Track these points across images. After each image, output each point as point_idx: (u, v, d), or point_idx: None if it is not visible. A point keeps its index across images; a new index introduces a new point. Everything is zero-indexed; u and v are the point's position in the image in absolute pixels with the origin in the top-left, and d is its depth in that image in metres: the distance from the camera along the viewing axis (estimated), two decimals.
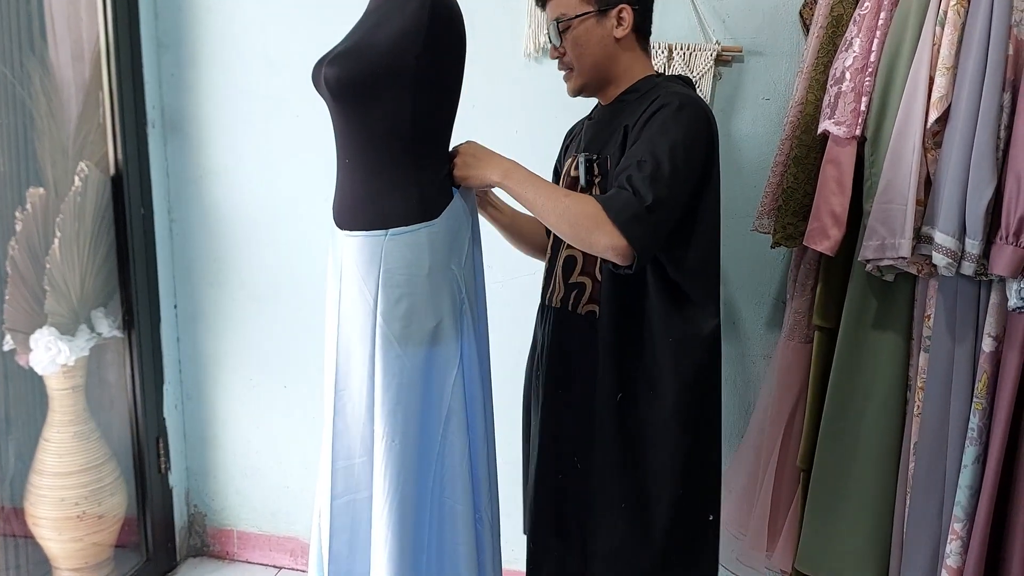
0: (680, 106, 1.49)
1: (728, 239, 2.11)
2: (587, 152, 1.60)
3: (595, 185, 1.58)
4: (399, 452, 1.48)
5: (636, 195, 1.43)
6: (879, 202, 1.72)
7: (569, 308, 1.64)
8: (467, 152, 1.55)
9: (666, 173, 1.44)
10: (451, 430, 1.51)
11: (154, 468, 2.49)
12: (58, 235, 2.18)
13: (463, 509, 1.52)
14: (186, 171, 2.46)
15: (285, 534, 2.58)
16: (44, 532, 2.28)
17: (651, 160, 1.44)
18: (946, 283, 1.71)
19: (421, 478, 1.51)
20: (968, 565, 1.68)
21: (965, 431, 1.69)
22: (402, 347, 1.47)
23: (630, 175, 1.45)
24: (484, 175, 1.53)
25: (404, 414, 1.48)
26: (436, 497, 1.52)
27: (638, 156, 1.46)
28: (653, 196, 1.42)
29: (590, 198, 1.48)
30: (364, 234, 1.48)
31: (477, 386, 1.57)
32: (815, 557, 1.88)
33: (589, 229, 1.44)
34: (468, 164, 1.53)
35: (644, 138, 1.48)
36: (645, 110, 1.52)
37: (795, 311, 1.97)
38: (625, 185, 1.44)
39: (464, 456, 1.52)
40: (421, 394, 1.50)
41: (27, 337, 2.20)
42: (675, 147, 1.45)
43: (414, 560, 1.50)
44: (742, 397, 2.17)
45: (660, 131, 1.47)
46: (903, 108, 1.69)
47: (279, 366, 2.50)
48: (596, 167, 1.58)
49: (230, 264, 2.48)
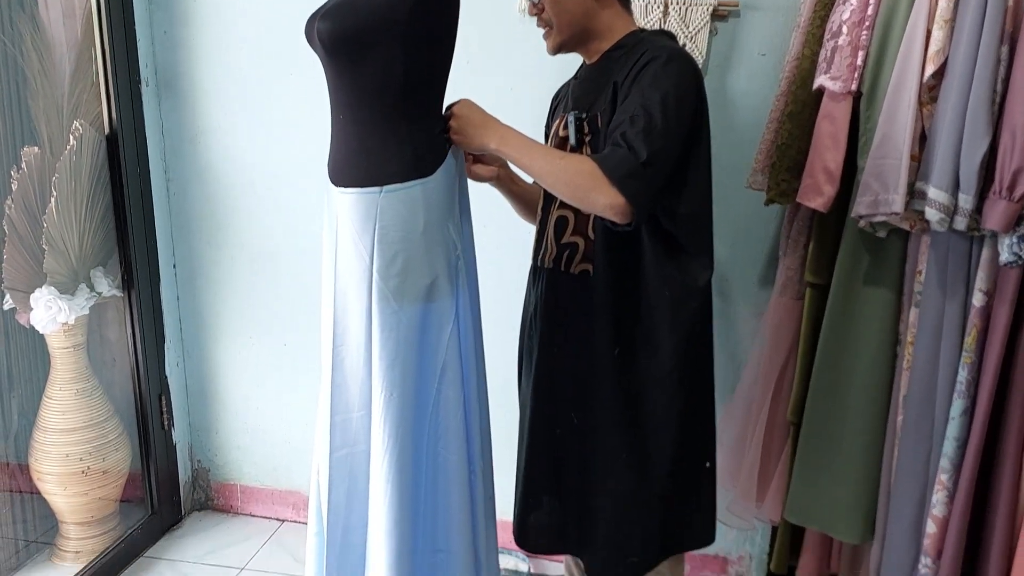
0: (668, 59, 1.49)
1: (721, 196, 2.09)
2: (576, 110, 1.59)
3: (585, 144, 1.58)
4: (397, 406, 1.50)
5: (631, 151, 1.43)
6: (873, 158, 1.71)
7: (562, 268, 1.65)
8: (463, 116, 1.54)
9: (659, 126, 1.44)
10: (446, 384, 1.54)
11: (157, 425, 2.53)
12: (55, 194, 2.19)
13: (457, 461, 1.55)
14: (181, 130, 2.46)
15: (287, 488, 2.63)
16: (49, 487, 2.32)
17: (643, 114, 1.45)
18: (938, 239, 1.72)
19: (417, 431, 1.53)
20: (953, 514, 1.72)
21: (954, 384, 1.71)
22: (398, 303, 1.49)
23: (624, 131, 1.45)
24: (482, 141, 1.54)
25: (402, 369, 1.50)
26: (431, 449, 1.55)
27: (630, 111, 1.46)
28: (648, 151, 1.43)
29: (586, 158, 1.48)
30: (359, 191, 1.48)
31: (471, 342, 1.59)
32: (804, 507, 1.92)
33: (587, 189, 1.45)
34: (465, 131, 1.54)
35: (635, 93, 1.48)
36: (633, 65, 1.51)
37: (787, 268, 1.98)
38: (620, 142, 1.45)
39: (459, 410, 1.55)
40: (418, 349, 1.52)
41: (27, 296, 2.21)
42: (666, 99, 1.45)
43: (412, 511, 1.54)
44: (733, 353, 2.19)
45: (650, 84, 1.47)
46: (900, 62, 1.68)
47: (278, 324, 2.52)
48: (586, 125, 1.57)
49: (228, 223, 2.49)
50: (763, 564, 2.25)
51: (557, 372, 1.69)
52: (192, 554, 2.45)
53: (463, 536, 1.57)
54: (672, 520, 1.68)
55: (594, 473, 1.68)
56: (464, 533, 1.57)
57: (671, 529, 1.68)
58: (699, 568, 2.33)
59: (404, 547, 1.52)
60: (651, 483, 1.64)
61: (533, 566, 2.39)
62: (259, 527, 2.61)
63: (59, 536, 2.38)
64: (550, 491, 1.74)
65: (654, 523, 1.66)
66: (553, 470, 1.73)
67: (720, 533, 2.26)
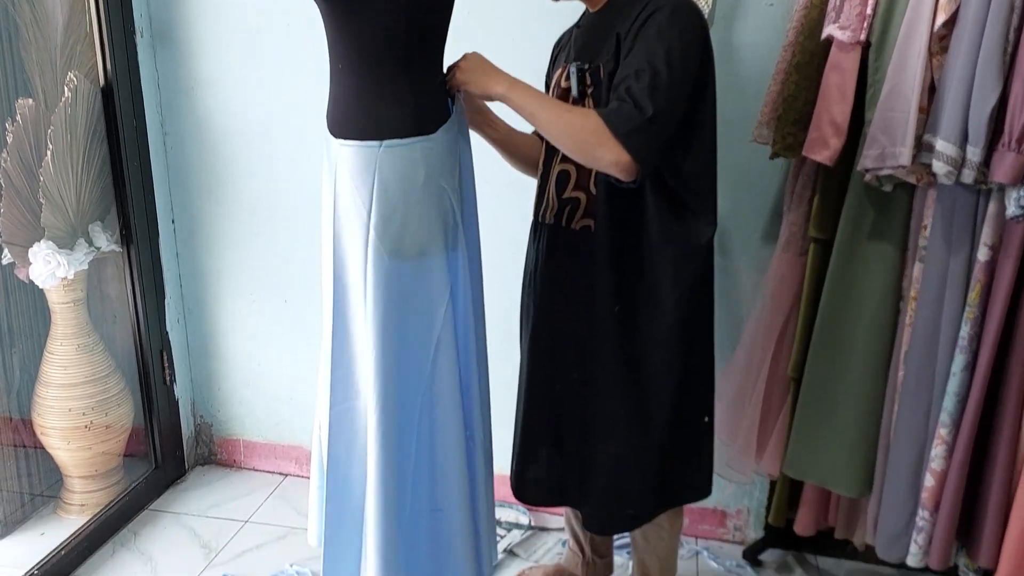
0: (674, 9, 1.46)
1: (725, 151, 2.06)
2: (578, 61, 1.56)
3: (588, 96, 1.55)
4: (385, 366, 1.50)
5: (637, 107, 1.42)
6: (881, 110, 1.69)
7: (563, 224, 1.63)
8: (471, 62, 1.53)
9: (664, 81, 1.42)
10: (442, 347, 1.53)
11: (159, 380, 2.53)
12: (50, 147, 2.16)
13: (454, 425, 1.55)
14: (177, 82, 2.42)
15: (289, 443, 2.65)
16: (53, 442, 2.33)
17: (648, 69, 1.43)
18: (944, 192, 1.70)
19: (408, 392, 1.53)
20: (952, 468, 1.72)
21: (956, 339, 1.71)
22: (392, 259, 1.48)
23: (629, 86, 1.43)
24: (488, 85, 1.52)
25: (394, 327, 1.50)
26: (426, 411, 1.55)
27: (635, 66, 1.44)
28: (654, 107, 1.41)
29: (592, 113, 1.46)
30: (358, 144, 1.46)
31: (470, 305, 1.58)
32: (803, 462, 1.93)
33: (592, 144, 1.44)
34: (473, 71, 1.52)
35: (639, 45, 1.45)
36: (637, 16, 1.48)
37: (791, 223, 1.96)
38: (625, 97, 1.43)
39: (454, 373, 1.54)
40: (411, 309, 1.51)
41: (25, 251, 2.20)
42: (671, 53, 1.43)
43: (400, 470, 1.54)
44: (735, 309, 2.18)
45: (656, 37, 1.44)
46: (910, 11, 1.64)
47: (279, 280, 2.51)
48: (588, 76, 1.55)
49: (226, 178, 2.47)
50: (761, 518, 2.27)
51: (557, 329, 1.69)
52: (196, 507, 2.48)
53: (460, 497, 1.57)
54: (671, 474, 1.69)
55: (594, 428, 1.68)
56: (461, 494, 1.58)
57: (670, 482, 1.70)
58: (698, 521, 2.35)
59: (393, 504, 1.53)
60: (651, 437, 1.65)
61: (533, 519, 2.41)
62: (262, 481, 2.63)
63: (64, 490, 2.40)
64: (549, 445, 1.75)
65: (653, 476, 1.67)
66: (552, 425, 1.74)
67: (718, 487, 2.29)
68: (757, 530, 2.30)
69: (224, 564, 2.21)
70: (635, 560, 1.89)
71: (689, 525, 2.35)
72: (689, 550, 2.30)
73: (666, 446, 1.65)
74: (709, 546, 2.32)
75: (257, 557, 2.25)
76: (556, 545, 2.31)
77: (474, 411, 1.61)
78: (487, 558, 1.69)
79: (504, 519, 2.39)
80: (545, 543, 2.33)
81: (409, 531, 1.57)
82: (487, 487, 1.69)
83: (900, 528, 1.80)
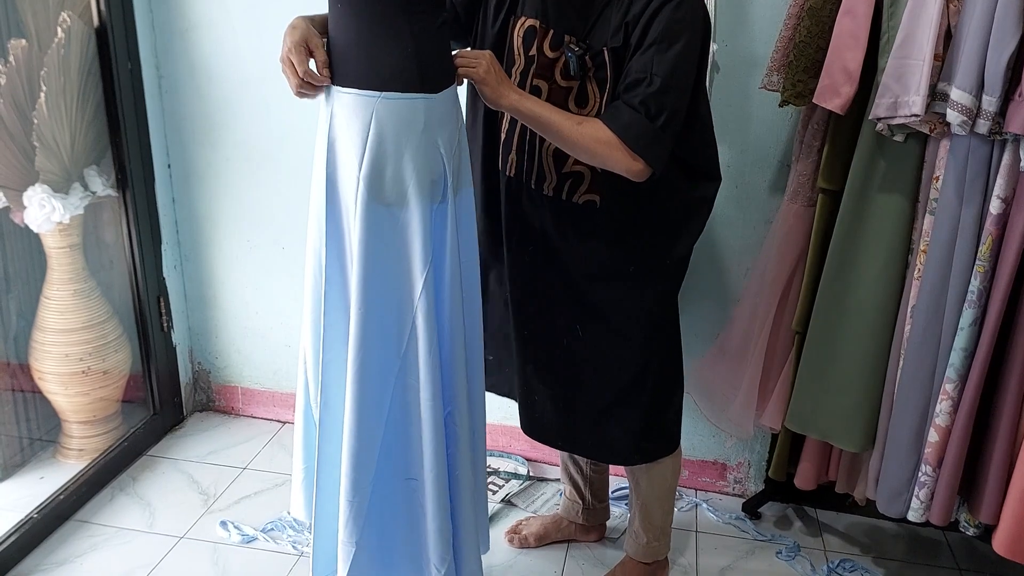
0: (680, 1, 1.46)
1: (733, 98, 2.04)
2: (571, 39, 1.54)
3: (590, 79, 1.54)
4: (364, 319, 1.47)
5: (649, 117, 1.46)
6: (895, 57, 1.64)
7: (563, 198, 1.63)
8: (487, 62, 1.49)
9: (675, 85, 1.47)
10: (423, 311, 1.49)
11: (156, 327, 2.52)
12: (43, 89, 2.11)
13: (429, 397, 1.51)
14: (172, 23, 2.36)
15: (288, 391, 2.64)
16: (50, 387, 2.33)
17: (661, 76, 1.45)
18: (958, 143, 1.66)
19: (383, 356, 1.50)
20: (956, 424, 1.71)
21: (965, 294, 1.68)
22: (376, 206, 1.45)
23: (643, 99, 1.46)
24: (500, 93, 1.50)
25: (375, 278, 1.47)
26: (400, 380, 1.52)
27: (646, 70, 1.47)
28: (667, 114, 1.46)
29: (602, 125, 1.48)
30: (357, 92, 1.42)
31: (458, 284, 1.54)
32: (805, 416, 1.92)
33: (605, 155, 1.49)
34: (488, 73, 1.48)
35: (650, 46, 1.46)
36: (646, 4, 1.46)
37: (799, 174, 1.92)
38: (638, 107, 1.46)
39: (432, 343, 1.50)
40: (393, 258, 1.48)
41: (20, 195, 2.17)
42: (680, 56, 1.46)
43: (369, 435, 1.52)
44: (740, 261, 2.15)
45: (665, 37, 1.46)
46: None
47: (276, 227, 2.48)
48: (589, 60, 1.53)
49: (223, 122, 2.42)
50: (762, 471, 2.27)
51: (558, 301, 1.70)
52: (195, 453, 2.48)
53: (436, 469, 1.54)
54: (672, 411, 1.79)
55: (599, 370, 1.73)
56: (438, 465, 1.54)
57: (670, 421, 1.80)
58: (697, 473, 2.35)
59: (361, 467, 1.52)
60: (651, 375, 1.73)
61: (532, 469, 2.41)
62: (261, 428, 2.63)
63: (62, 435, 2.40)
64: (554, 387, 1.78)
65: (673, 408, 1.78)
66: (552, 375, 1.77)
67: (720, 440, 2.30)
68: (757, 483, 2.30)
69: (222, 511, 2.22)
70: (638, 504, 1.90)
71: (689, 477, 2.35)
72: (688, 502, 2.30)
73: (659, 380, 1.74)
74: (709, 499, 2.32)
75: (255, 504, 2.25)
76: (555, 496, 2.31)
77: (455, 382, 1.56)
78: (470, 534, 1.64)
79: (502, 469, 2.39)
80: (544, 493, 2.33)
81: (382, 495, 1.56)
82: (472, 462, 1.64)
83: (902, 483, 1.80)
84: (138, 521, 2.17)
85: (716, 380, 2.05)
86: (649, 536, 1.92)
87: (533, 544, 2.11)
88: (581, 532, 2.12)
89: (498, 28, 1.62)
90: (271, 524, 2.16)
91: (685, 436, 2.10)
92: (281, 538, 2.11)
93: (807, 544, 2.16)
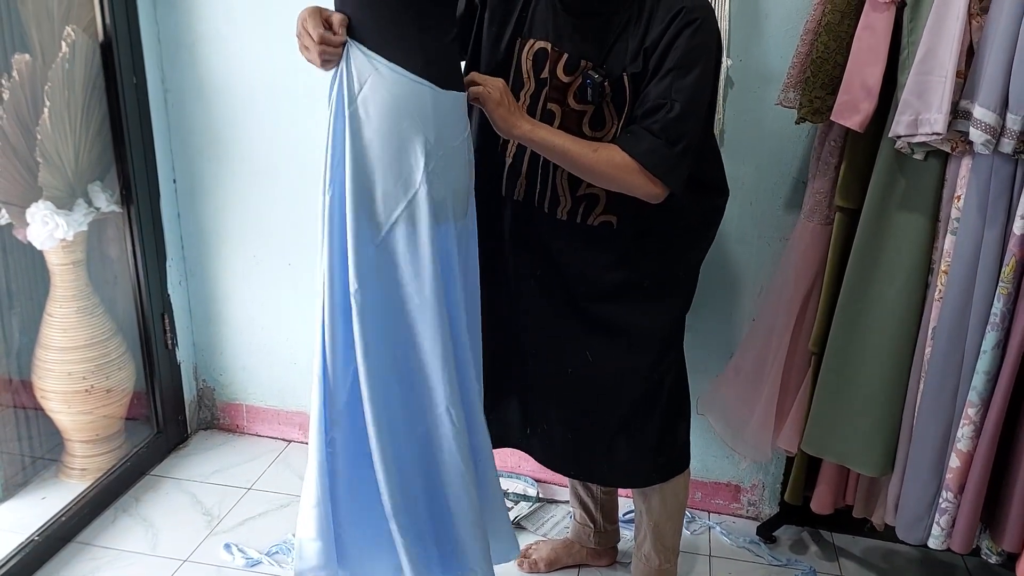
0: (697, 27, 1.45)
1: (749, 115, 2.00)
2: (588, 63, 1.51)
3: (607, 104, 1.52)
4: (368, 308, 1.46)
5: (668, 144, 1.46)
6: (916, 73, 1.61)
7: (577, 221, 1.61)
8: (500, 90, 1.48)
9: (694, 110, 1.47)
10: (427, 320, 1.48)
11: (160, 344, 2.48)
12: (47, 104, 2.09)
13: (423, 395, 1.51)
14: (178, 36, 2.33)
15: (293, 409, 2.60)
16: (53, 405, 2.29)
17: (680, 103, 1.45)
18: (980, 162, 1.62)
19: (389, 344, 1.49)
20: (979, 449, 1.66)
21: (987, 316, 1.64)
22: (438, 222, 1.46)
23: (663, 125, 1.45)
24: (512, 122, 1.49)
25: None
26: None
27: (665, 96, 1.46)
28: (685, 140, 1.47)
29: (618, 150, 1.47)
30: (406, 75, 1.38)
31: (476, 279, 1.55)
32: (822, 439, 1.88)
33: (623, 180, 1.49)
34: (499, 109, 1.48)
35: (668, 72, 1.46)
36: (664, 30, 1.45)
37: (816, 191, 1.88)
38: (658, 134, 1.46)
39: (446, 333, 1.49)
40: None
41: (23, 211, 2.14)
42: (698, 82, 1.46)
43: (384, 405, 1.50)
44: (755, 278, 2.11)
45: (684, 64, 1.45)
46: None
47: (283, 242, 2.45)
48: (607, 86, 1.51)
49: (229, 137, 2.39)
50: (776, 493, 2.23)
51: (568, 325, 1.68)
52: (199, 473, 2.44)
53: None
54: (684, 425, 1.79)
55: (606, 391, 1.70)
56: None
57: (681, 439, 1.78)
58: (711, 495, 2.30)
59: None
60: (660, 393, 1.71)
61: (541, 491, 2.37)
62: (266, 447, 2.59)
63: (65, 453, 2.37)
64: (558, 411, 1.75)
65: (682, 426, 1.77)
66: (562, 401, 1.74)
67: (733, 461, 2.25)
68: (772, 506, 2.26)
69: (226, 532, 2.18)
70: (649, 525, 1.85)
71: (702, 499, 2.30)
72: (701, 525, 2.26)
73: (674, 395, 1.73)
74: (722, 521, 2.27)
75: (259, 525, 2.21)
76: (565, 518, 2.27)
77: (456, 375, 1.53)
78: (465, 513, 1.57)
79: (511, 490, 2.35)
80: (553, 515, 2.29)
81: None
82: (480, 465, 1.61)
83: (922, 509, 1.75)
84: (141, 543, 2.13)
85: (731, 400, 2.01)
86: (661, 558, 1.87)
87: (543, 569, 2.06)
88: (593, 556, 2.08)
89: (503, 49, 1.59)
90: (276, 547, 2.12)
91: (698, 457, 2.07)
92: (286, 562, 2.07)
93: (823, 569, 2.11)
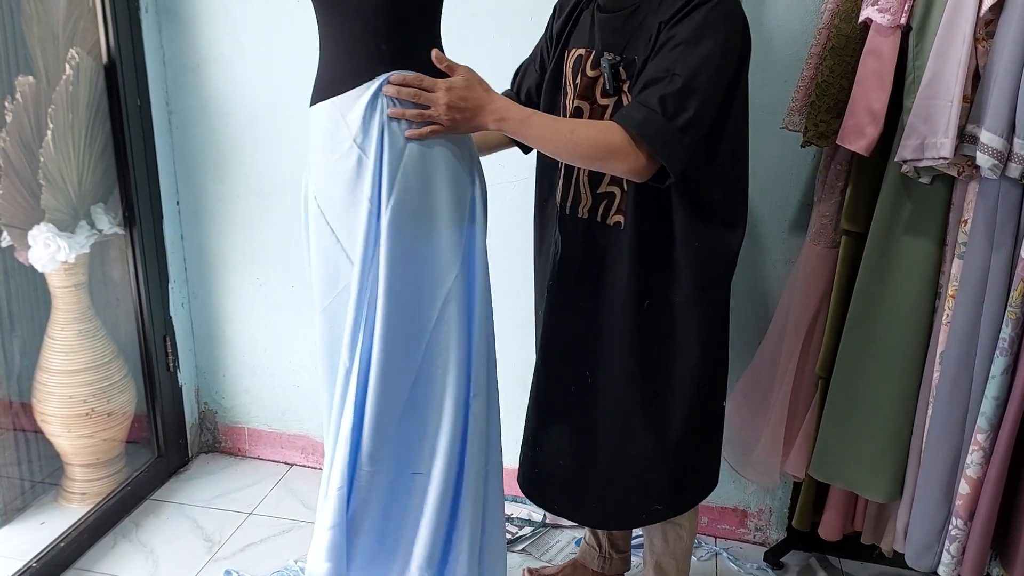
0: (716, 4, 1.38)
1: (754, 138, 1.98)
2: (609, 55, 1.48)
3: (623, 92, 1.48)
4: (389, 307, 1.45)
5: (667, 117, 1.35)
6: (921, 98, 1.61)
7: (598, 219, 1.58)
8: (457, 96, 1.36)
9: (698, 87, 1.36)
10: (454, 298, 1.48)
11: (162, 366, 2.47)
12: (51, 126, 2.09)
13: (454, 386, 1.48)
14: (183, 59, 2.34)
15: (295, 432, 2.58)
16: (53, 429, 2.27)
17: (683, 76, 1.35)
18: (987, 186, 1.61)
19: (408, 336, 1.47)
20: (989, 475, 1.65)
21: (996, 341, 1.63)
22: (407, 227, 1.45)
23: (662, 94, 1.35)
24: (476, 122, 1.39)
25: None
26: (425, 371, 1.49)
27: (669, 68, 1.36)
28: (686, 116, 1.35)
29: (611, 125, 1.39)
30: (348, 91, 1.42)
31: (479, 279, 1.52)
32: (829, 464, 1.86)
33: (613, 161, 1.39)
34: (455, 117, 1.37)
35: (677, 45, 1.37)
36: (681, 7, 1.39)
37: (822, 215, 1.88)
38: (655, 106, 1.35)
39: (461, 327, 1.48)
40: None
41: (25, 233, 2.13)
42: (709, 58, 1.36)
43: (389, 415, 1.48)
44: (761, 302, 2.10)
45: (695, 36, 1.36)
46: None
47: (286, 264, 2.44)
48: (623, 70, 1.47)
49: (233, 158, 2.39)
50: (783, 518, 2.21)
51: (572, 326, 1.64)
52: (200, 497, 2.42)
53: (446, 462, 1.50)
54: (692, 462, 1.68)
55: (612, 424, 1.64)
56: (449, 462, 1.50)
57: (691, 470, 1.69)
58: (717, 521, 2.28)
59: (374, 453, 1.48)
60: (671, 429, 1.62)
61: (547, 516, 2.34)
62: (268, 471, 2.57)
63: (65, 477, 2.34)
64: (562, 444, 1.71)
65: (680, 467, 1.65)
66: (566, 423, 1.70)
67: (740, 486, 2.23)
68: (779, 531, 2.23)
69: (227, 559, 2.15)
70: (652, 563, 1.83)
71: (709, 525, 2.28)
72: (708, 550, 2.23)
73: (686, 437, 1.62)
74: (729, 547, 2.25)
75: (260, 551, 2.19)
76: (569, 544, 2.24)
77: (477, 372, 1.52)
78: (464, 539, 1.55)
79: (516, 515, 2.33)
80: (559, 541, 2.26)
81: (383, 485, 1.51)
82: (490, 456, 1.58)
83: (932, 536, 1.73)
84: (140, 570, 2.11)
85: (738, 425, 2.00)
86: None
87: None
88: None
89: (554, 63, 1.61)
90: (277, 574, 2.09)
91: None
92: None
93: None
